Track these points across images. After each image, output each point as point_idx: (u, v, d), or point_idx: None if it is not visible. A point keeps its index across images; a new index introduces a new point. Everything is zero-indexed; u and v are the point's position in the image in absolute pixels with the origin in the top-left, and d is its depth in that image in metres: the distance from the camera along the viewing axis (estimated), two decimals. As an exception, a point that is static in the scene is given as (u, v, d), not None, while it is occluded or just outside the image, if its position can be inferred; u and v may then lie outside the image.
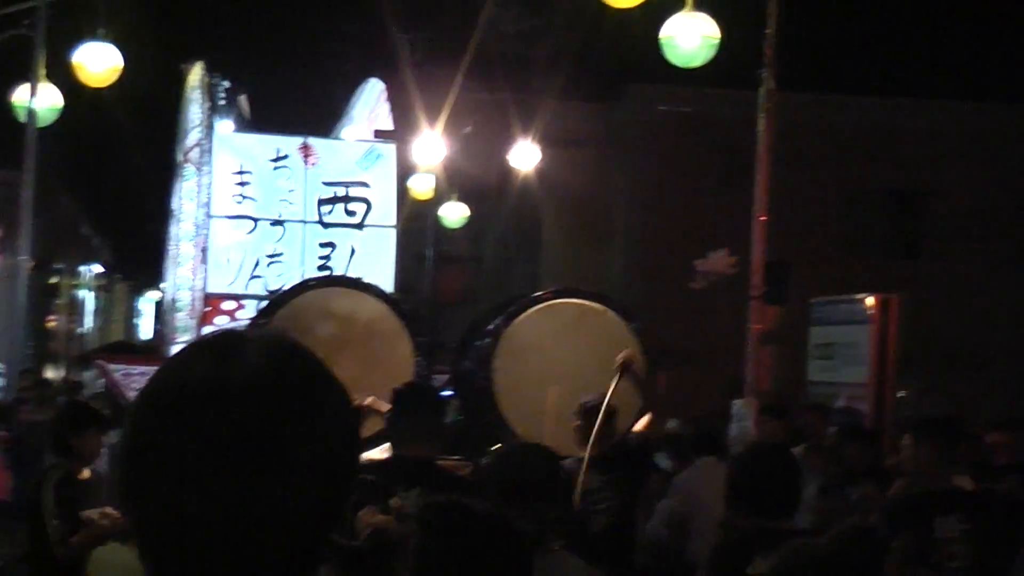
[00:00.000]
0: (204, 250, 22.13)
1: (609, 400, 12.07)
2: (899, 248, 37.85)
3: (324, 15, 34.60)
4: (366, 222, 22.07)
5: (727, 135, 34.13)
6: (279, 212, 21.79)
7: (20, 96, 23.53)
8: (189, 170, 25.01)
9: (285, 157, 21.98)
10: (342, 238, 21.84)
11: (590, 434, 11.61)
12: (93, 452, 11.17)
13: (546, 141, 32.41)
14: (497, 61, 33.87)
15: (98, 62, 21.39)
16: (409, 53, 34.01)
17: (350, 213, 21.89)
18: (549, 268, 36.04)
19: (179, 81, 26.23)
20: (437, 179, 30.17)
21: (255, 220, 21.78)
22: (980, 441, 14.08)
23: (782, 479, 8.20)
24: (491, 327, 14.68)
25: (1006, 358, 35.41)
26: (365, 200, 21.98)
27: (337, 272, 20.89)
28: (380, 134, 23.25)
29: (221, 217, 21.83)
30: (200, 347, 2.66)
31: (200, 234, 22.68)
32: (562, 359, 13.21)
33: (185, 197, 25.50)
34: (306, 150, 22.23)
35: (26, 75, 23.27)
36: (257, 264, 21.54)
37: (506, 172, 31.65)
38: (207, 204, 22.16)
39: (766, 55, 19.50)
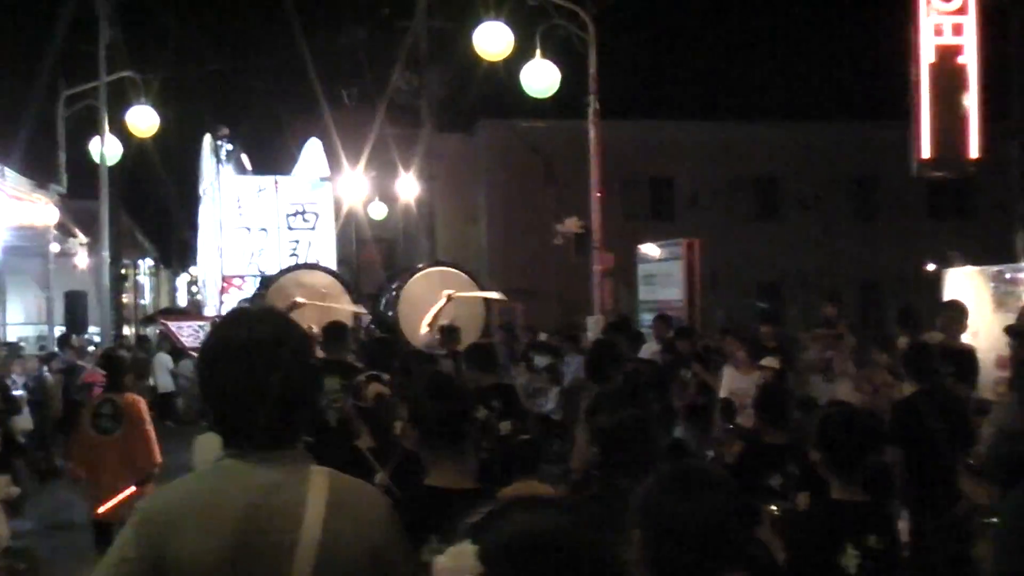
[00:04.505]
0: (220, 248, 23.56)
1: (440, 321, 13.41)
2: (659, 213, 38.56)
3: (283, 93, 34.48)
4: (316, 226, 23.70)
5: (545, 150, 35.49)
6: (263, 223, 23.36)
7: (93, 147, 23.30)
8: (205, 199, 26.43)
9: (263, 189, 23.62)
10: (303, 237, 23.48)
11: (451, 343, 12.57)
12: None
13: (431, 159, 33.40)
14: (396, 108, 34.39)
15: (143, 121, 21.50)
16: (345, 98, 33.89)
17: (306, 221, 23.54)
18: (442, 241, 36.10)
19: (197, 138, 27.17)
20: (366, 188, 31.03)
21: (248, 228, 23.35)
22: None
23: None
24: (394, 285, 16.70)
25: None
26: (315, 213, 23.62)
27: (301, 259, 22.47)
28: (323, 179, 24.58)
29: (230, 228, 23.32)
30: (234, 317, 3.20)
31: (216, 239, 24.08)
32: (434, 301, 15.14)
33: (204, 216, 26.93)
34: (276, 184, 23.85)
35: (96, 131, 23.10)
36: (252, 255, 23.08)
37: (407, 183, 32.10)
38: (219, 220, 23.61)
39: (592, 86, 19.36)
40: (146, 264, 53.31)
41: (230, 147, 24.74)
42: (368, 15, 32.96)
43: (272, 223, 23.49)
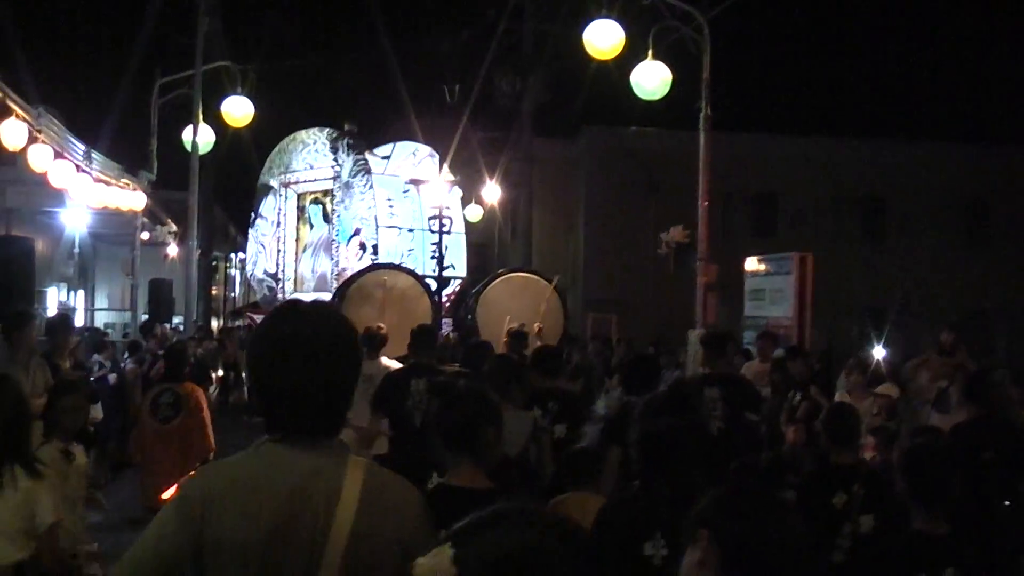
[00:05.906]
0: (363, 245, 24.00)
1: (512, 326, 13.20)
2: (760, 229, 37.82)
3: (384, 90, 34.41)
4: (451, 230, 23.90)
5: (649, 159, 35.19)
6: (410, 224, 23.91)
7: (186, 135, 23.12)
8: (286, 192, 26.67)
9: (407, 191, 24.10)
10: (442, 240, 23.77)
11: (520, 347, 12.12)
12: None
13: (530, 164, 33.23)
14: (496, 111, 34.29)
15: (238, 110, 21.74)
16: (447, 97, 33.87)
17: (444, 225, 23.73)
18: (537, 248, 35.82)
19: (289, 127, 27.23)
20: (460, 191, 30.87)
21: (399, 228, 23.82)
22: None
23: None
24: (474, 291, 16.64)
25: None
26: (450, 217, 23.79)
27: (445, 261, 23.01)
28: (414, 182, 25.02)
29: (383, 226, 23.88)
30: (283, 312, 3.26)
31: (361, 235, 24.40)
32: (513, 306, 15.01)
33: (269, 210, 27.16)
34: (417, 188, 24.37)
35: (190, 120, 22.86)
36: (403, 255, 23.57)
37: (503, 187, 31.86)
38: (375, 217, 24.33)
39: (705, 93, 18.97)
40: (238, 258, 53.89)
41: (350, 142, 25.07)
42: (473, 16, 32.82)
43: (417, 224, 24.94)
